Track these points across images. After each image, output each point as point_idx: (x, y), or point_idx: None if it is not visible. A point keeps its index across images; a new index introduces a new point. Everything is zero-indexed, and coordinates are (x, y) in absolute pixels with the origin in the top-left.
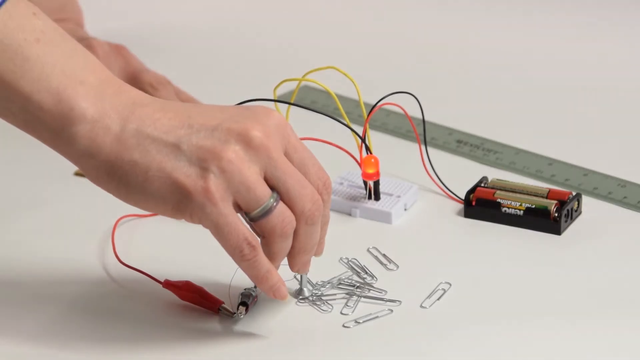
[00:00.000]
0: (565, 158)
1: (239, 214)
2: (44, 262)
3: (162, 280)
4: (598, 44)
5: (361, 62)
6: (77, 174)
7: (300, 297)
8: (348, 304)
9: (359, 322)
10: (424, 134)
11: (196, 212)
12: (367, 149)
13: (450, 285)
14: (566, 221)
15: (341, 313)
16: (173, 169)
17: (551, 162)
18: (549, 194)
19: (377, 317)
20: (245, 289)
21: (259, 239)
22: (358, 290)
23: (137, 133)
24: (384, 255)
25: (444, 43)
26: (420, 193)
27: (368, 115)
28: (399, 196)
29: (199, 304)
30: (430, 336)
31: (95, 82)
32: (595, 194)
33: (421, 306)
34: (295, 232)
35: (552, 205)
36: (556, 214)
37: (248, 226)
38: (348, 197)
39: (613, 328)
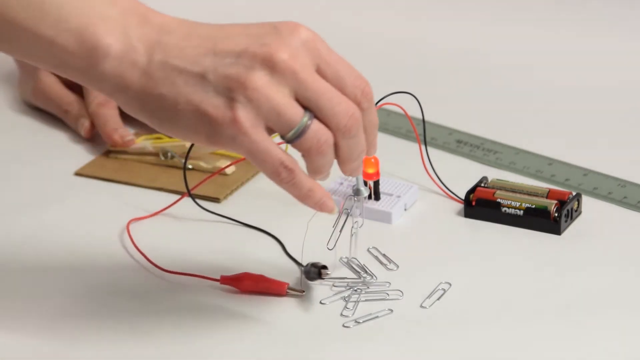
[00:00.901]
0: (565, 158)
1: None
2: (45, 262)
3: (218, 277)
4: (598, 43)
5: (361, 62)
6: (77, 173)
7: (357, 197)
8: (347, 306)
9: (359, 322)
10: (424, 134)
11: (229, 142)
12: None
13: (450, 285)
14: (566, 221)
15: (342, 315)
16: (201, 101)
17: (551, 162)
18: (549, 194)
19: (377, 317)
20: (304, 267)
21: (295, 160)
22: (357, 290)
23: (164, 65)
24: (384, 255)
25: (444, 43)
26: (420, 193)
27: None
28: (399, 196)
29: (263, 291)
30: (430, 336)
31: (117, 14)
32: (595, 194)
33: (421, 306)
34: (337, 146)
35: (552, 205)
36: (556, 214)
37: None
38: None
39: (613, 328)
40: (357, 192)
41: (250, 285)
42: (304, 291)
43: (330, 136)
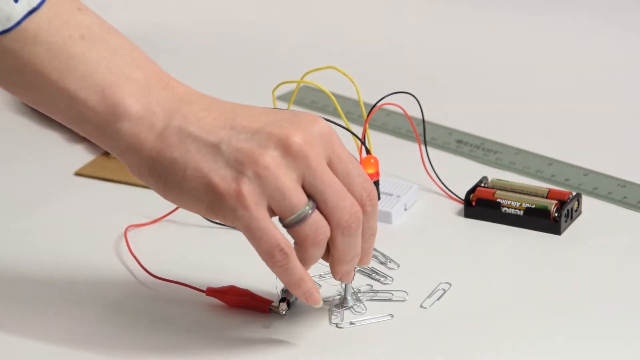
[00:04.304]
0: (565, 158)
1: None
2: (44, 262)
3: (204, 289)
4: (598, 43)
5: (361, 62)
6: (77, 173)
7: (344, 306)
8: (334, 314)
9: (353, 323)
10: (424, 134)
11: (229, 215)
12: (367, 150)
13: (450, 285)
14: (566, 221)
15: (330, 323)
16: (209, 170)
17: (551, 162)
18: (549, 194)
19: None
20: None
21: (291, 246)
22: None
23: (180, 131)
24: (384, 255)
25: (444, 43)
26: (420, 193)
27: (368, 116)
28: (399, 196)
29: (247, 307)
30: (430, 336)
31: (142, 77)
32: (595, 194)
33: (421, 306)
34: (333, 242)
35: (552, 205)
36: (556, 214)
37: (282, 231)
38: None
39: (613, 328)
40: (343, 301)
41: (235, 300)
42: (285, 312)
43: (328, 229)
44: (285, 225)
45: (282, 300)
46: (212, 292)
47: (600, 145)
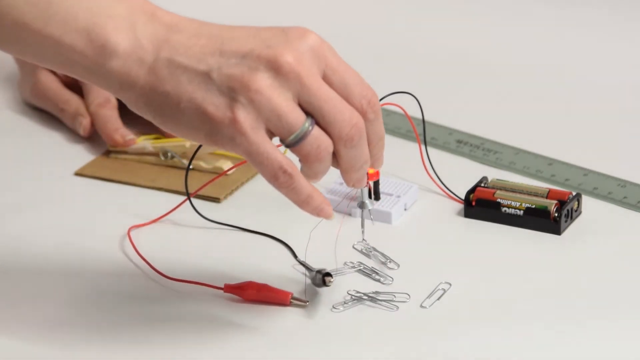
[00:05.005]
0: (565, 158)
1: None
2: (45, 262)
3: (222, 285)
4: (598, 43)
5: (361, 62)
6: (77, 173)
7: (362, 209)
8: (335, 307)
9: (346, 304)
10: (424, 134)
11: (227, 142)
12: None
13: (450, 285)
14: (566, 221)
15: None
16: (203, 100)
17: (551, 162)
18: (549, 194)
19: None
20: (309, 272)
21: (295, 165)
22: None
23: (170, 63)
24: (384, 255)
25: (443, 43)
26: (420, 193)
27: None
28: (399, 196)
29: (267, 301)
30: (430, 336)
31: (125, 12)
32: (595, 194)
33: (421, 306)
34: (338, 155)
35: (552, 205)
36: (556, 214)
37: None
38: (348, 197)
39: (613, 328)
40: (361, 205)
41: (254, 294)
42: (307, 301)
43: (330, 144)
44: (286, 145)
45: (327, 274)
46: (230, 288)
47: (600, 145)
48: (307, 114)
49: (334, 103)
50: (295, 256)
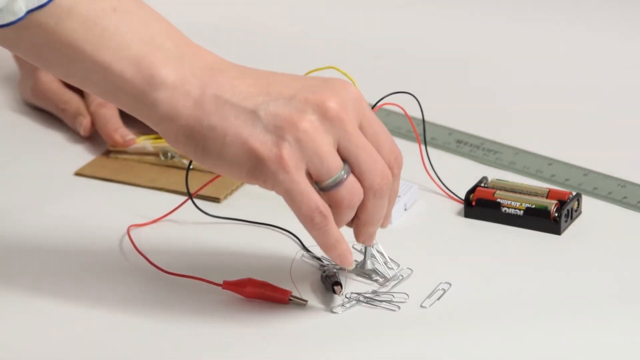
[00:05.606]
0: (565, 158)
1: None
2: (44, 262)
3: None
4: (598, 43)
5: (361, 62)
6: (77, 173)
7: (363, 269)
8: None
9: (346, 306)
10: (424, 134)
11: (270, 179)
12: None
13: (450, 285)
14: (566, 221)
15: (332, 311)
16: (249, 135)
17: (551, 162)
18: (549, 194)
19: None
20: (324, 271)
21: (329, 209)
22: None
23: (216, 99)
24: (384, 255)
25: (443, 43)
26: (420, 193)
27: None
28: (399, 196)
29: (266, 299)
30: (430, 336)
31: (173, 47)
32: (595, 194)
33: (421, 306)
34: (363, 205)
35: (552, 205)
36: (556, 214)
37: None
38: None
39: (613, 328)
40: (362, 264)
41: (253, 291)
42: (306, 301)
43: (362, 192)
44: (322, 189)
45: (336, 283)
46: (228, 285)
47: (600, 145)
48: (343, 161)
49: (370, 152)
50: (303, 246)
